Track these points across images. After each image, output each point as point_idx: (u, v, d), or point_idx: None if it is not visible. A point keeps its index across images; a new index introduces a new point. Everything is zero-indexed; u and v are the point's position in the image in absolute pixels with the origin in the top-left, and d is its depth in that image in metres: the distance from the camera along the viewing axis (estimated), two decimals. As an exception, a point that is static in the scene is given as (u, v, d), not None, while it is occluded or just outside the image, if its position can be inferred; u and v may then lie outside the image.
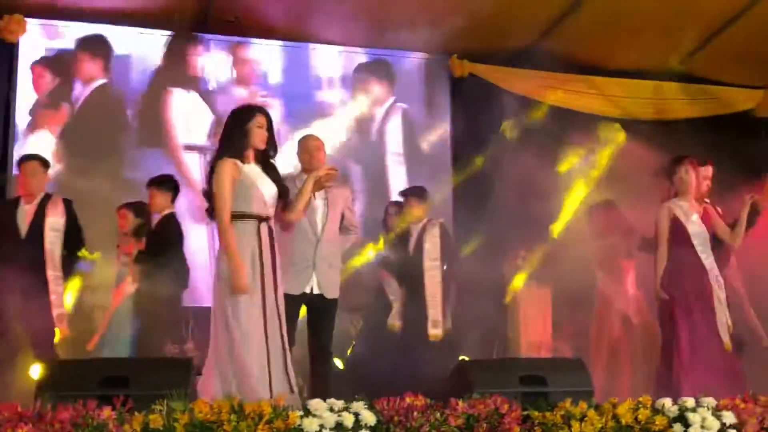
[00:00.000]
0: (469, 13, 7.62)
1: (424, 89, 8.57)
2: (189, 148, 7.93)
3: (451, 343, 6.50)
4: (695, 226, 5.52)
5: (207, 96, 8.10)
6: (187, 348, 6.58)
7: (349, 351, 6.97)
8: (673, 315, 5.46)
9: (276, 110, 7.93)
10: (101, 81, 7.87)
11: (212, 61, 8.18)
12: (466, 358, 5.90)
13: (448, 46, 8.34)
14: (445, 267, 6.53)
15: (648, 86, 8.84)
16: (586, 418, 3.60)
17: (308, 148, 5.21)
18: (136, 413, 3.22)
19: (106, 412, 3.20)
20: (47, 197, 5.81)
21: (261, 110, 4.53)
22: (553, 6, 7.78)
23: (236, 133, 4.40)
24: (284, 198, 4.53)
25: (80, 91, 7.79)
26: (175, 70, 8.05)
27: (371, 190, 8.21)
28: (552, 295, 7.46)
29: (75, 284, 6.13)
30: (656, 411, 3.79)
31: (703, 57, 8.53)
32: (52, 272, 5.65)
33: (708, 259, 5.49)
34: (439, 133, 8.53)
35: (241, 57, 8.27)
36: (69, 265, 5.89)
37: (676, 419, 3.77)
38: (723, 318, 5.42)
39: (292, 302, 4.89)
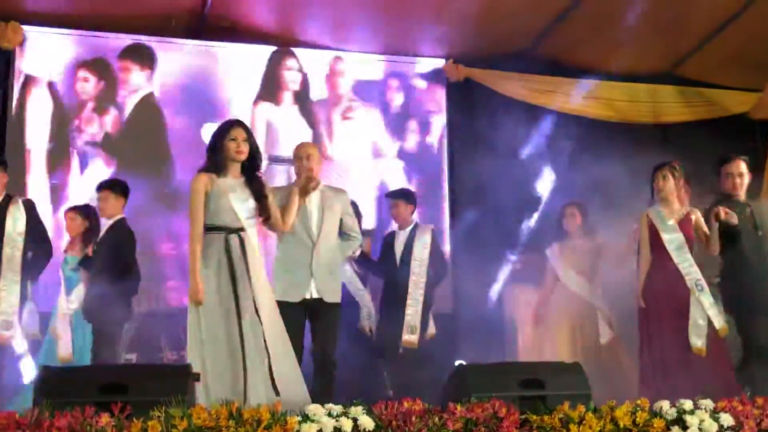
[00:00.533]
0: (464, 17, 7.66)
1: (419, 93, 8.54)
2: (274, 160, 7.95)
3: (426, 351, 6.47)
4: (670, 232, 5.55)
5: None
6: (185, 354, 6.59)
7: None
8: (645, 322, 5.55)
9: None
10: (147, 90, 7.90)
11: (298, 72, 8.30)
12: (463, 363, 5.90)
13: (444, 50, 8.37)
14: (431, 273, 6.55)
15: (643, 89, 8.84)
16: (584, 422, 3.60)
17: (298, 156, 5.29)
18: (134, 420, 3.22)
19: (105, 418, 3.19)
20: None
21: (238, 123, 4.76)
22: (548, 10, 7.79)
23: (213, 147, 4.68)
24: (264, 210, 4.68)
25: (123, 100, 7.82)
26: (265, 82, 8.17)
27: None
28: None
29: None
30: (654, 414, 3.80)
31: (697, 60, 8.56)
32: None
33: (684, 264, 5.50)
34: (434, 138, 8.51)
35: (334, 68, 8.37)
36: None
37: (674, 422, 3.77)
38: (699, 321, 5.40)
39: (293, 309, 4.95)
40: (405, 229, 6.64)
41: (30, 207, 5.62)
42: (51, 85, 7.63)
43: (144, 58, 7.87)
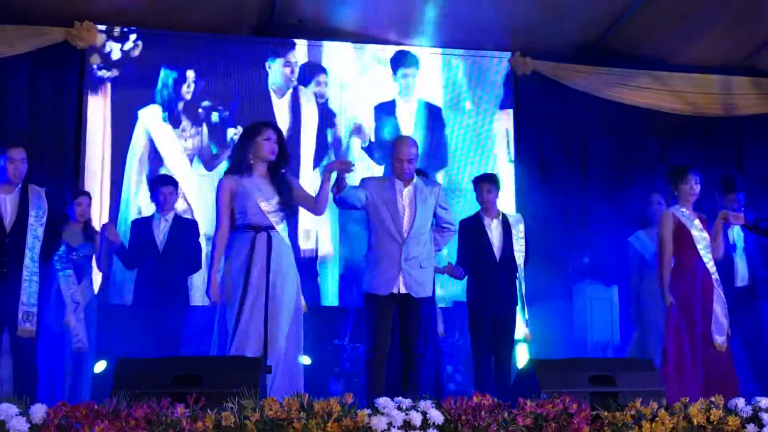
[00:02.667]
0: (531, 10, 7.60)
1: (487, 87, 8.51)
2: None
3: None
4: (699, 230, 5.59)
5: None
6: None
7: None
8: (670, 318, 5.51)
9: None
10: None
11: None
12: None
13: (511, 43, 8.31)
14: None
15: (716, 81, 8.65)
16: (656, 419, 3.56)
17: (393, 155, 5.31)
18: (208, 411, 3.29)
19: (180, 409, 3.26)
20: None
21: (270, 125, 5.00)
22: (618, 2, 7.68)
23: (242, 148, 4.91)
24: (287, 205, 4.89)
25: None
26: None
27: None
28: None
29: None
30: (729, 411, 3.73)
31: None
32: None
33: (710, 263, 5.57)
34: (502, 131, 8.47)
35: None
36: None
37: (749, 419, 3.70)
38: (722, 318, 5.49)
39: (382, 302, 5.12)
40: (496, 217, 6.16)
41: (49, 196, 5.49)
42: (123, 84, 7.78)
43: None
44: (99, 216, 7.25)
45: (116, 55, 7.76)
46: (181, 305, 6.13)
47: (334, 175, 4.91)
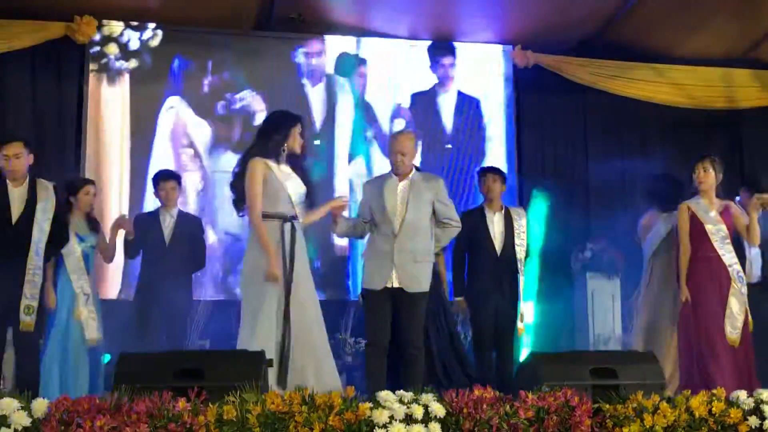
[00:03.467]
0: (533, 2, 7.59)
1: (488, 80, 8.51)
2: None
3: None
4: (714, 223, 5.54)
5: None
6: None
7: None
8: (685, 310, 5.51)
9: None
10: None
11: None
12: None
13: (512, 36, 8.31)
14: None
15: (718, 74, 8.63)
16: (658, 411, 3.56)
17: (390, 149, 5.33)
18: (210, 404, 3.29)
19: (181, 403, 3.27)
20: None
21: (300, 118, 4.99)
22: (619, -6, 7.68)
23: (276, 135, 4.82)
24: (310, 197, 4.92)
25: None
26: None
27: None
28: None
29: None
30: (731, 403, 3.73)
31: (774, 42, 8.34)
32: None
33: (727, 255, 5.51)
34: (503, 124, 8.47)
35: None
36: None
37: (751, 412, 3.71)
38: (736, 313, 5.42)
39: (378, 297, 5.14)
40: (499, 211, 6.10)
41: (56, 191, 5.42)
42: (124, 79, 7.79)
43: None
44: (119, 206, 7.36)
45: (134, 45, 7.77)
46: (185, 300, 6.12)
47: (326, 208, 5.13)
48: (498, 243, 6.00)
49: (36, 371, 5.24)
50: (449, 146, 8.34)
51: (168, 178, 6.25)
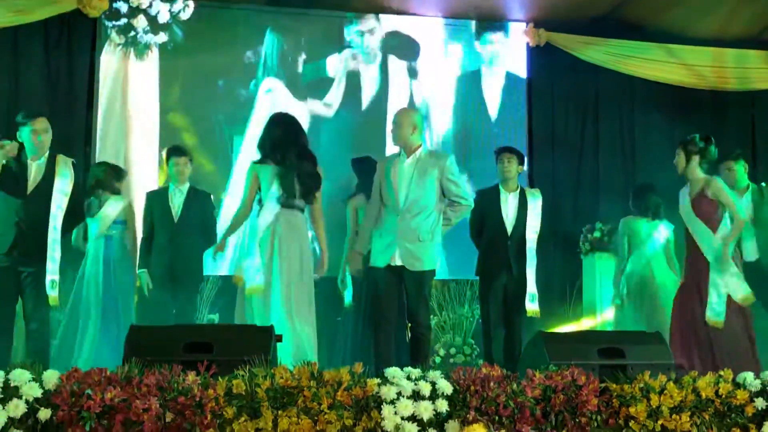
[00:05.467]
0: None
1: (499, 58, 8.47)
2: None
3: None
4: (684, 206, 5.52)
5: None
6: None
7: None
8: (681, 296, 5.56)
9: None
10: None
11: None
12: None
13: (525, 14, 8.26)
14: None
15: (731, 55, 8.57)
16: (665, 391, 3.57)
17: (398, 123, 5.31)
18: (219, 378, 3.32)
19: (191, 376, 3.29)
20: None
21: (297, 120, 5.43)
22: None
23: (275, 137, 5.19)
24: (310, 195, 5.19)
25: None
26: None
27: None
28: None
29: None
30: (737, 385, 3.74)
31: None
32: None
33: (701, 237, 5.40)
34: (514, 102, 8.44)
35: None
36: None
37: (758, 393, 3.72)
38: (715, 295, 5.32)
39: (383, 275, 5.16)
40: (514, 191, 6.10)
41: (74, 167, 5.45)
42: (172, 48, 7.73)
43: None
44: (152, 182, 7.37)
45: (164, 18, 7.65)
46: (195, 276, 6.16)
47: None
48: (509, 223, 5.99)
49: (47, 343, 5.29)
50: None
51: (181, 153, 6.25)
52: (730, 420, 3.65)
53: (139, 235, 6.25)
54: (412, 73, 8.25)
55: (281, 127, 5.23)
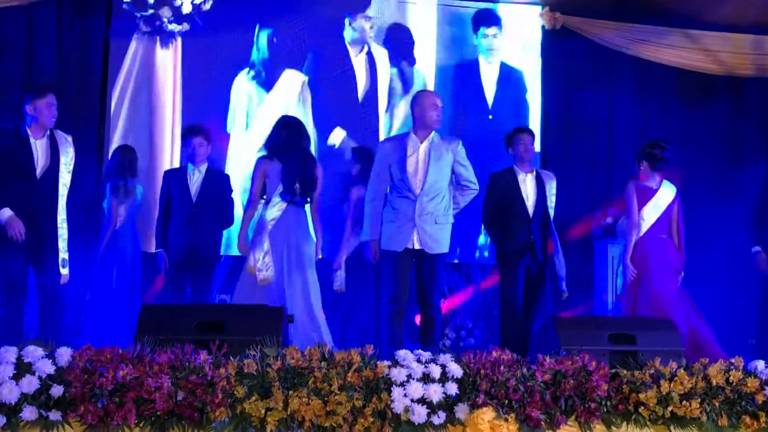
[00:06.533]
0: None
1: (515, 41, 8.43)
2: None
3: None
4: (655, 201, 5.78)
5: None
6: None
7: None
8: (633, 282, 5.71)
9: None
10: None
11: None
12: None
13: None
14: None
15: (748, 40, 8.49)
16: (675, 378, 3.57)
17: (422, 105, 5.29)
18: (231, 358, 3.34)
19: (203, 356, 3.31)
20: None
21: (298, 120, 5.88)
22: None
23: (277, 138, 5.65)
24: (309, 189, 5.61)
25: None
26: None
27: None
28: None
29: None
30: (748, 373, 3.73)
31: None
32: None
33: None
34: (529, 86, 8.41)
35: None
36: None
37: (768, 381, 3.71)
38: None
39: (398, 258, 5.17)
40: (530, 172, 6.09)
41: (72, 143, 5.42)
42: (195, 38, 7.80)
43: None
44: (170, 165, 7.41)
45: (187, 9, 7.71)
46: (211, 256, 6.19)
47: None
48: (531, 204, 5.97)
49: (60, 320, 5.33)
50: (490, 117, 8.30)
51: (198, 133, 6.23)
52: (741, 407, 3.63)
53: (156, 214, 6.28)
54: (410, 61, 8.21)
55: (288, 129, 5.65)
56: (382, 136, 7.72)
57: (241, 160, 7.52)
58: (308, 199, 5.63)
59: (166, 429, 3.21)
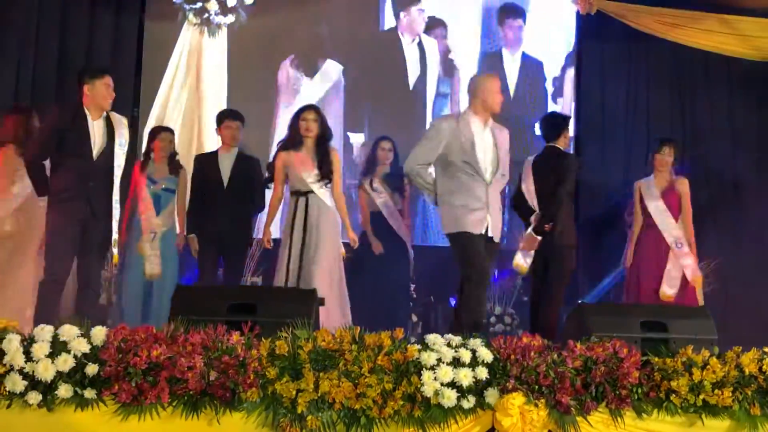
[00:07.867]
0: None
1: (550, 27, 8.37)
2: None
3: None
4: (655, 200, 6.22)
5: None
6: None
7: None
8: (630, 276, 6.30)
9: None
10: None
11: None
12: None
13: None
14: None
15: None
16: (708, 367, 3.54)
17: (489, 88, 5.25)
18: (262, 339, 3.37)
19: (235, 337, 3.35)
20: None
21: (310, 106, 5.84)
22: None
23: (291, 126, 5.75)
24: (327, 177, 5.61)
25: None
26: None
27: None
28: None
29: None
30: (782, 362, 3.70)
31: None
32: None
33: (665, 226, 6.18)
34: (565, 72, 8.34)
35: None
36: None
37: (803, 370, 3.67)
38: (673, 272, 6.12)
39: (477, 239, 5.07)
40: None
41: (128, 125, 5.51)
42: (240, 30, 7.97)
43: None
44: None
45: (232, 2, 7.92)
46: (243, 240, 6.21)
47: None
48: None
49: (95, 301, 5.40)
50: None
51: (234, 117, 6.25)
52: (773, 397, 3.61)
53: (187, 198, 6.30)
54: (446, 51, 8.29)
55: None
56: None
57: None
58: (328, 184, 5.61)
59: (198, 408, 3.25)
